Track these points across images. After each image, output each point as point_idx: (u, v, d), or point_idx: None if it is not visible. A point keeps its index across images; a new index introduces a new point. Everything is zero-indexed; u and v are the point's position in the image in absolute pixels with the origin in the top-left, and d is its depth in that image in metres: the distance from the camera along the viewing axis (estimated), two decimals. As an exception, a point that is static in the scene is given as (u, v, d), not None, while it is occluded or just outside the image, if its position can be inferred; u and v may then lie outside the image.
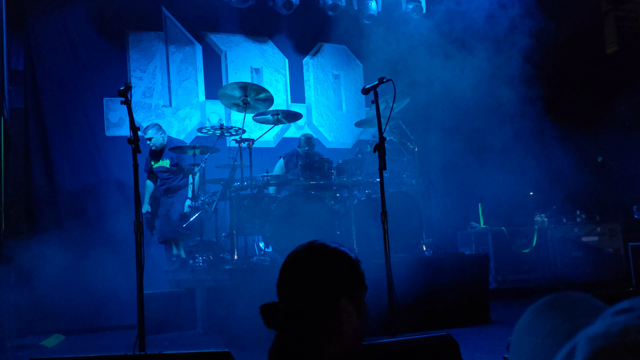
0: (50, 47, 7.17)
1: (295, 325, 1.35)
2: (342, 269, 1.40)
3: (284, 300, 1.38)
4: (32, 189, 6.87)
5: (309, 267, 1.38)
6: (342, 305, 1.36)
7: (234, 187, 5.71)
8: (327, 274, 1.37)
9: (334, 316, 1.35)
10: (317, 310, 1.35)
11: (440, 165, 7.51)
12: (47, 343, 5.77)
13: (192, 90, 7.94)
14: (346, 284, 1.39)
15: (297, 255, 1.40)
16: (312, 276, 1.37)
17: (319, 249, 1.42)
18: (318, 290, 1.36)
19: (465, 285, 5.61)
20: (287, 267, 1.40)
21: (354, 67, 8.97)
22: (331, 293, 1.36)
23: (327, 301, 1.35)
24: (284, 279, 1.39)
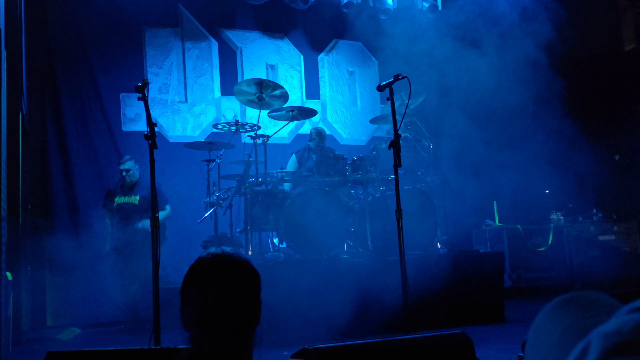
0: (68, 43, 7.24)
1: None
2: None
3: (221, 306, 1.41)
4: (50, 184, 6.95)
5: (244, 269, 1.46)
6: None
7: (248, 182, 5.73)
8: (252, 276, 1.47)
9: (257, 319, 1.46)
10: (251, 312, 1.44)
11: (456, 163, 7.48)
12: (63, 336, 5.84)
13: (207, 87, 7.97)
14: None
15: (229, 261, 1.46)
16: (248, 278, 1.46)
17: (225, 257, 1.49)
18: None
19: (480, 283, 5.59)
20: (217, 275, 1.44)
21: (369, 64, 8.94)
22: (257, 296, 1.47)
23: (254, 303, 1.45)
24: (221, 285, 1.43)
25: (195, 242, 6.45)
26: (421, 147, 6.24)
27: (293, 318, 4.81)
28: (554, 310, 0.76)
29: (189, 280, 1.46)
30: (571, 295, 0.77)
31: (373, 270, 5.11)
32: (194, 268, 1.46)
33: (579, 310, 0.73)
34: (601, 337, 0.56)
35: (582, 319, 0.71)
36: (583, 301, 0.75)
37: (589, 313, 0.72)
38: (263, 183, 5.80)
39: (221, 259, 1.45)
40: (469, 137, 7.61)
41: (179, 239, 6.66)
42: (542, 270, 7.64)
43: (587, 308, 0.73)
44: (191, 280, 1.45)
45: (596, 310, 0.72)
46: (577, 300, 0.75)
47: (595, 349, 0.55)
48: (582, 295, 0.76)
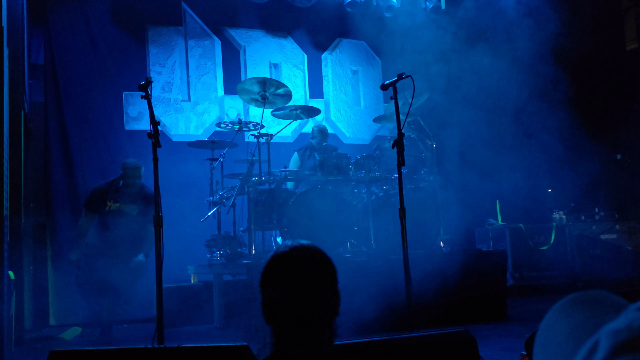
0: (70, 41, 7.24)
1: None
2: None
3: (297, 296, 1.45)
4: (51, 182, 6.95)
5: (324, 261, 1.50)
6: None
7: (252, 181, 5.74)
8: (331, 269, 1.52)
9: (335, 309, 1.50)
10: (332, 304, 1.49)
11: (459, 162, 7.48)
12: (65, 336, 5.84)
13: (210, 85, 7.97)
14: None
15: (308, 251, 1.50)
16: (328, 270, 1.51)
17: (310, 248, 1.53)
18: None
19: (483, 282, 5.59)
20: (296, 265, 1.48)
21: (372, 63, 8.94)
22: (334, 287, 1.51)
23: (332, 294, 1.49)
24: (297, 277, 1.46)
25: (199, 241, 6.46)
26: (424, 146, 6.24)
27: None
28: (563, 310, 0.77)
29: (268, 273, 1.49)
30: (579, 294, 0.78)
31: (376, 269, 5.11)
32: (273, 261, 1.49)
33: (587, 309, 0.74)
34: (610, 334, 0.56)
35: (590, 317, 0.72)
36: (591, 300, 0.75)
37: (597, 312, 0.72)
38: (266, 182, 5.80)
39: (301, 251, 1.49)
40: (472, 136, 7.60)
41: (183, 237, 6.66)
42: (544, 269, 7.63)
43: (595, 307, 0.74)
44: (270, 273, 1.49)
45: (604, 308, 0.73)
46: (585, 299, 0.76)
47: (605, 346, 0.56)
48: (590, 294, 0.77)
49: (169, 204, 6.05)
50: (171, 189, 6.66)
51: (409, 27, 7.78)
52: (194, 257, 6.78)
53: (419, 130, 6.39)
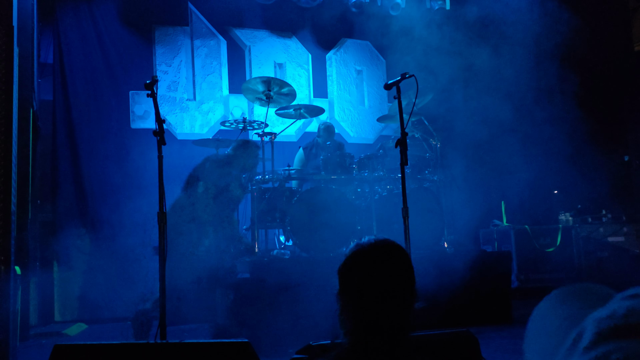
0: (78, 41, 7.30)
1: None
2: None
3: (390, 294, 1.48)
4: (58, 180, 7.00)
5: (406, 259, 1.54)
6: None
7: (255, 180, 5.75)
8: (411, 267, 1.55)
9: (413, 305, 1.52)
10: (411, 300, 1.52)
11: (463, 162, 7.46)
12: (70, 331, 5.88)
13: (216, 85, 8.00)
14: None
15: (391, 247, 1.53)
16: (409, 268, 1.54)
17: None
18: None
19: (487, 283, 5.57)
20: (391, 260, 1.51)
21: (377, 63, 8.94)
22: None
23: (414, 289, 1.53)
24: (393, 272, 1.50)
25: (203, 239, 6.47)
26: (428, 146, 6.23)
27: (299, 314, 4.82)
28: (554, 301, 0.78)
29: (353, 266, 1.52)
30: (570, 286, 0.79)
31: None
32: (358, 254, 1.52)
33: (577, 301, 0.75)
34: (594, 322, 0.58)
35: (580, 308, 0.73)
36: (582, 292, 0.77)
37: (587, 303, 0.73)
38: (270, 180, 5.81)
39: (384, 246, 1.52)
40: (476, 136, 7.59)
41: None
42: (550, 271, 7.59)
43: (586, 298, 0.75)
44: (356, 266, 1.51)
45: (594, 300, 0.74)
46: (576, 291, 0.77)
47: (589, 334, 0.57)
48: (581, 286, 0.78)
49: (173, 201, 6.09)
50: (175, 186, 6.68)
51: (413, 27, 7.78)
52: (198, 255, 6.80)
53: (423, 130, 6.39)
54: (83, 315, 6.59)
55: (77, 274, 6.67)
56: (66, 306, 6.68)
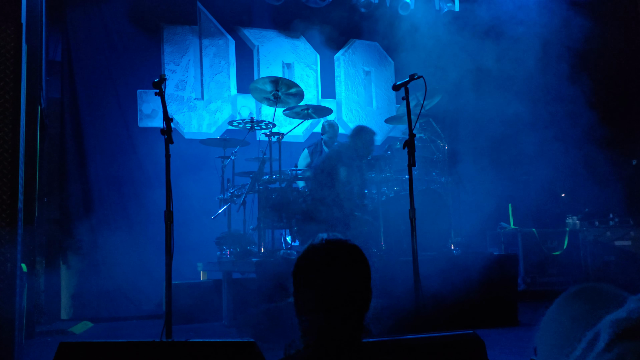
0: (87, 39, 7.32)
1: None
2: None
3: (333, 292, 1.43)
4: (66, 177, 7.02)
5: (359, 257, 1.48)
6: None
7: (262, 180, 5.75)
8: (365, 265, 1.49)
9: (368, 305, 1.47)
10: (365, 299, 1.46)
11: (471, 164, 7.43)
12: (75, 330, 5.89)
13: (224, 84, 8.01)
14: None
15: (343, 246, 1.48)
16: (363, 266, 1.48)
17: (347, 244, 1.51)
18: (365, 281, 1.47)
19: (494, 286, 5.54)
20: (337, 260, 1.46)
21: (385, 64, 8.93)
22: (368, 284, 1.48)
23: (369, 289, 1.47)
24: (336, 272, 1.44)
25: (209, 238, 6.49)
26: (436, 148, 6.21)
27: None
28: (565, 302, 0.78)
29: (306, 265, 1.47)
30: (581, 287, 0.79)
31: (385, 271, 5.09)
32: (311, 253, 1.47)
33: (588, 302, 0.75)
34: (611, 323, 0.58)
35: (592, 309, 0.73)
36: (593, 293, 0.77)
37: (599, 304, 0.74)
38: (277, 181, 5.80)
39: (336, 244, 1.47)
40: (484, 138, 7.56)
41: (193, 234, 6.69)
42: (557, 274, 7.55)
43: (597, 299, 0.75)
44: (309, 265, 1.47)
45: (605, 301, 0.74)
46: (587, 292, 0.77)
47: (606, 335, 0.57)
48: (592, 287, 0.78)
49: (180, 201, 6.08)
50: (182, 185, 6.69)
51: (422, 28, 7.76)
52: (203, 254, 6.82)
53: (431, 131, 6.37)
54: (89, 314, 6.60)
55: (83, 272, 6.68)
56: (72, 304, 6.69)
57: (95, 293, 6.73)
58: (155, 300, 6.78)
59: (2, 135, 3.77)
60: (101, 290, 6.76)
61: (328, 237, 1.48)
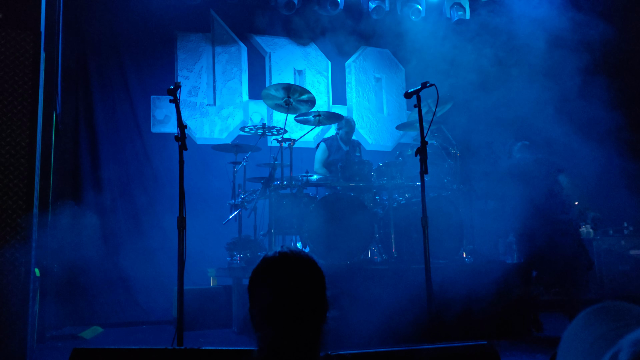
0: (102, 46, 7.40)
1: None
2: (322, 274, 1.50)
3: (290, 301, 1.40)
4: (80, 182, 7.07)
5: (312, 269, 1.46)
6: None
7: (273, 186, 5.75)
8: (320, 276, 1.47)
9: (325, 317, 1.44)
10: (320, 311, 1.43)
11: (483, 171, 7.39)
12: (86, 335, 5.89)
13: (236, 90, 8.04)
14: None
15: (297, 259, 1.46)
16: (316, 278, 1.46)
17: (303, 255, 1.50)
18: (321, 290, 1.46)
19: (507, 295, 5.49)
20: (291, 271, 1.44)
21: (396, 71, 8.92)
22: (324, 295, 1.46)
23: (324, 301, 1.45)
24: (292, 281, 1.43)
25: (220, 244, 6.50)
26: (448, 155, 6.18)
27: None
28: (586, 320, 0.77)
29: (258, 279, 1.46)
30: (602, 305, 0.79)
31: (397, 278, 5.06)
32: (263, 266, 1.46)
33: (610, 320, 0.74)
34: (631, 343, 0.57)
35: (613, 328, 0.72)
36: (614, 311, 0.76)
37: (620, 322, 0.73)
38: (288, 186, 5.80)
39: (289, 257, 1.45)
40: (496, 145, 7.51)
41: (204, 240, 6.71)
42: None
43: (618, 317, 0.75)
44: (260, 279, 1.45)
45: (627, 319, 0.73)
46: (608, 310, 0.77)
47: (625, 354, 0.56)
48: (613, 305, 0.77)
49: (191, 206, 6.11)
50: (194, 191, 6.73)
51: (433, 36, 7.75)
52: (214, 259, 6.83)
53: (443, 138, 6.34)
54: (99, 319, 6.62)
55: (94, 276, 6.70)
56: (83, 309, 6.70)
57: (106, 298, 6.75)
58: (165, 306, 6.79)
59: (19, 142, 3.81)
60: (112, 295, 6.78)
61: (282, 250, 1.46)
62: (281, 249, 1.47)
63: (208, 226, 6.78)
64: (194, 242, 6.99)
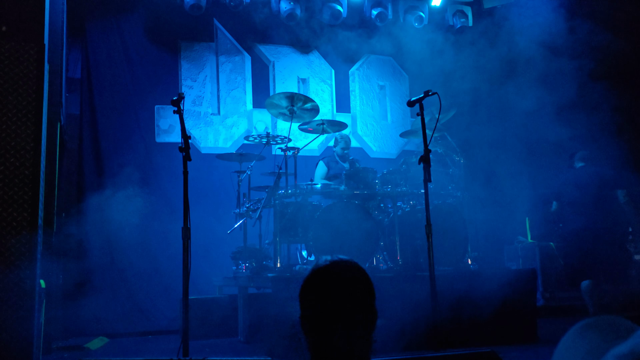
0: (106, 56, 7.44)
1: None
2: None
3: (341, 309, 1.44)
4: (84, 192, 7.08)
5: (363, 277, 1.49)
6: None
7: (278, 194, 5.76)
8: (370, 285, 1.50)
9: (374, 325, 1.47)
10: (371, 319, 1.46)
11: (487, 178, 7.39)
12: (92, 345, 5.89)
13: (240, 99, 8.07)
14: None
15: (347, 266, 1.49)
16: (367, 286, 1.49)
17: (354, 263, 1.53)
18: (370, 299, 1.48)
19: (512, 301, 5.46)
20: (343, 278, 1.47)
21: (399, 78, 8.94)
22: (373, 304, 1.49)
23: (374, 309, 1.48)
24: (343, 289, 1.46)
25: (225, 253, 6.51)
26: (452, 162, 6.18)
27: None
28: (578, 334, 0.78)
29: (310, 286, 1.49)
30: (594, 319, 0.79)
31: (402, 286, 5.05)
32: (315, 274, 1.49)
33: (601, 334, 0.75)
34: (615, 358, 0.57)
35: (604, 342, 0.73)
36: (605, 325, 0.77)
37: (611, 336, 0.74)
38: (293, 195, 5.81)
39: (341, 265, 1.48)
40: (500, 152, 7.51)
41: (209, 249, 6.72)
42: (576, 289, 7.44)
43: (609, 332, 0.75)
44: (313, 286, 1.48)
45: (618, 333, 0.74)
46: (600, 324, 0.77)
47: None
48: (604, 319, 0.78)
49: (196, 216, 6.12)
50: (199, 200, 6.73)
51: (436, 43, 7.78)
52: (219, 269, 6.84)
53: (447, 145, 6.34)
54: (105, 329, 6.62)
55: (100, 287, 6.71)
56: (88, 319, 6.70)
57: (111, 309, 6.75)
58: (171, 315, 6.79)
59: (23, 154, 3.83)
60: (117, 306, 6.79)
61: (332, 258, 1.50)
62: (331, 257, 1.51)
63: (213, 235, 6.79)
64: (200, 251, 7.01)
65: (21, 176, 3.80)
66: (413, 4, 8.38)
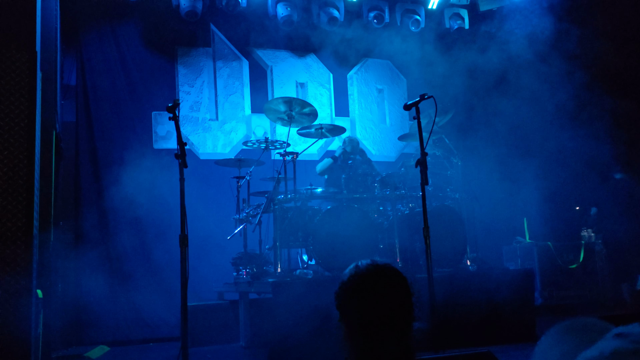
0: (101, 62, 7.42)
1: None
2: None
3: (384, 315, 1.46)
4: (81, 201, 7.06)
5: (403, 281, 1.53)
6: None
7: (277, 199, 5.76)
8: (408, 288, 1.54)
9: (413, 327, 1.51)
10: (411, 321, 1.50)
11: (485, 179, 7.40)
12: (92, 354, 5.87)
13: (238, 105, 8.07)
14: None
15: (389, 271, 1.52)
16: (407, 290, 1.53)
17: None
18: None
19: (511, 301, 5.48)
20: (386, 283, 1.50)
21: (397, 82, 8.95)
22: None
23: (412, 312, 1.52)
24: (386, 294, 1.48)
25: (225, 259, 6.50)
26: (450, 164, 6.20)
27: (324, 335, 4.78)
28: (554, 337, 0.80)
29: (350, 291, 1.51)
30: (570, 321, 0.81)
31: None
32: (355, 279, 1.51)
33: (576, 336, 0.77)
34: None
35: (579, 344, 0.74)
36: (580, 327, 0.78)
37: (586, 338, 0.75)
38: (292, 200, 5.82)
39: (380, 269, 1.52)
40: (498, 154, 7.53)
41: (209, 255, 6.72)
42: (574, 288, 7.46)
43: (584, 333, 0.76)
44: (353, 291, 1.51)
45: (592, 335, 0.75)
46: (575, 326, 0.79)
47: None
48: (580, 321, 0.79)
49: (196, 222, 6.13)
50: (198, 206, 6.73)
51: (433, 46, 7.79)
52: (220, 275, 6.83)
53: (445, 147, 6.36)
54: (105, 338, 6.60)
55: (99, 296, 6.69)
56: (88, 328, 6.68)
57: (111, 317, 6.73)
58: (172, 323, 6.78)
59: (17, 163, 3.83)
60: (117, 314, 6.77)
61: (369, 262, 1.53)
62: (367, 261, 1.54)
63: (213, 241, 6.79)
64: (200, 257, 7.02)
65: (15, 185, 3.79)
66: (410, 7, 8.39)
